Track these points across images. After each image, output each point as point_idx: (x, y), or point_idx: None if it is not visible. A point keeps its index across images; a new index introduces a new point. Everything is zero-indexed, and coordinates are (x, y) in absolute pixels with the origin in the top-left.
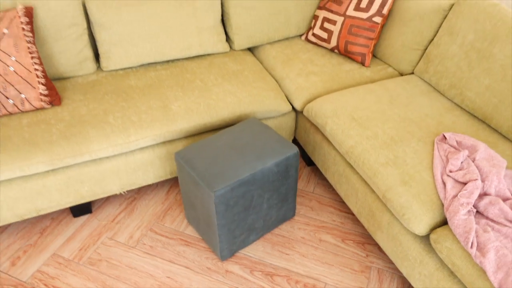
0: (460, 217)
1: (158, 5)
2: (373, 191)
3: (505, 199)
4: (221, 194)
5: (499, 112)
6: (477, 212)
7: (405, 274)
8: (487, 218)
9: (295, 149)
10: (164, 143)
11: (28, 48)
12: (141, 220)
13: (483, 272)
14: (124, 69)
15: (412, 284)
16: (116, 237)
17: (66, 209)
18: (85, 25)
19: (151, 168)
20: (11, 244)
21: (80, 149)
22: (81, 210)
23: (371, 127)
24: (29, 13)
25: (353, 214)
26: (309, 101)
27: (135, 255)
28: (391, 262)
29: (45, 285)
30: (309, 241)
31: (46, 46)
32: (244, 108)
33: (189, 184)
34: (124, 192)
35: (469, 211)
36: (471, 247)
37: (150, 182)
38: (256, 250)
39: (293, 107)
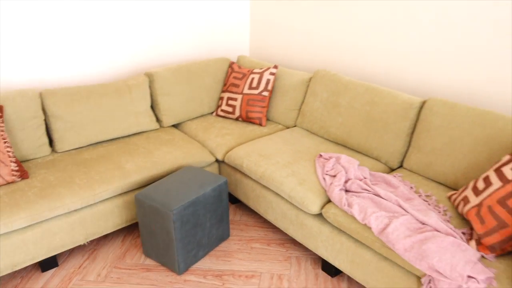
0: (336, 193)
1: (103, 97)
2: (282, 198)
3: (360, 179)
4: (177, 212)
5: (351, 137)
6: (346, 190)
7: (312, 249)
8: (351, 191)
9: (224, 179)
10: (121, 194)
11: (2, 135)
12: (104, 262)
13: (354, 219)
14: (76, 148)
15: (318, 253)
16: (85, 278)
17: (34, 266)
18: (43, 117)
19: (110, 217)
20: None
21: (55, 204)
22: (49, 264)
23: (273, 157)
24: (1, 108)
25: (272, 228)
26: (227, 152)
27: (106, 286)
28: (304, 250)
29: None
30: (243, 250)
31: (13, 134)
32: (180, 162)
33: (148, 215)
34: (86, 243)
35: (340, 189)
36: (344, 205)
37: (110, 231)
38: (204, 263)
39: (216, 160)
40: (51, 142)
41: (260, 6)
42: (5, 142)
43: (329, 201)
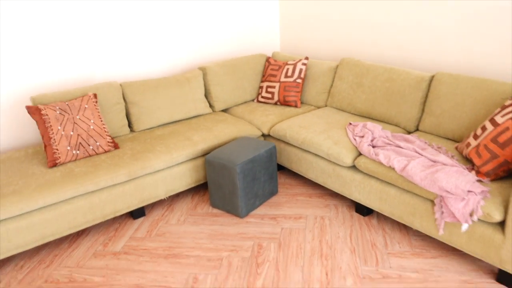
0: (365, 147)
1: (167, 87)
2: (320, 157)
3: (384, 137)
4: (240, 166)
5: (374, 109)
6: (373, 146)
7: (347, 195)
8: (377, 147)
9: (273, 144)
10: (191, 159)
11: (99, 115)
12: (181, 212)
13: (380, 164)
14: (149, 128)
15: (353, 197)
16: (169, 221)
17: (127, 215)
18: (123, 103)
19: (184, 177)
20: (98, 237)
21: (144, 164)
22: (139, 213)
23: (311, 127)
24: (95, 96)
25: (312, 185)
26: (271, 127)
27: (186, 226)
28: (340, 199)
29: (134, 249)
30: (290, 201)
31: (103, 116)
32: (235, 134)
33: (217, 171)
34: (166, 198)
35: (368, 145)
36: (372, 155)
37: (183, 189)
38: (260, 210)
39: (262, 134)
40: (129, 124)
41: (288, 7)
42: (101, 121)
43: (359, 154)
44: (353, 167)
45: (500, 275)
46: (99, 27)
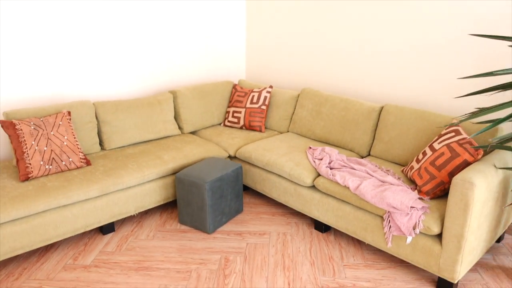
0: (323, 169)
1: (139, 108)
2: (283, 177)
3: (340, 160)
4: (209, 184)
5: (331, 135)
6: (330, 168)
7: (307, 212)
8: (334, 168)
9: (239, 165)
10: (161, 177)
11: (72, 132)
12: (150, 228)
13: (337, 184)
14: (120, 147)
15: (312, 215)
16: (138, 237)
17: (96, 230)
18: (95, 122)
19: (153, 194)
20: (67, 252)
21: (117, 180)
22: (108, 229)
23: (274, 150)
24: (69, 113)
25: (275, 204)
26: (237, 149)
27: (155, 241)
28: (300, 217)
29: (104, 263)
30: (255, 219)
31: (76, 133)
32: (203, 155)
33: (187, 189)
34: (136, 214)
35: (326, 166)
36: (329, 175)
37: (152, 206)
38: (227, 227)
39: (229, 156)
40: (100, 142)
41: (253, 38)
42: (74, 137)
43: (318, 175)
44: (313, 187)
45: (439, 283)
46: (72, 46)
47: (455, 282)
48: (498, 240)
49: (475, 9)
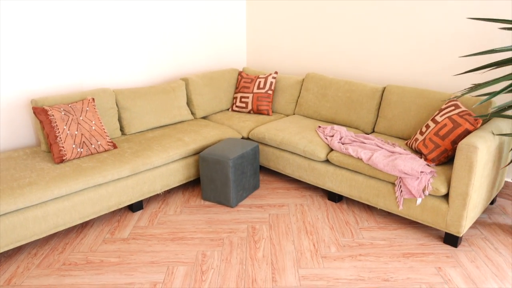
0: (336, 144)
1: (155, 95)
2: (297, 154)
3: (350, 136)
4: (232, 161)
5: (337, 115)
6: (342, 143)
7: (321, 185)
8: (345, 143)
9: (256, 144)
10: (183, 158)
11: (98, 117)
12: (175, 205)
13: (350, 156)
14: (139, 132)
15: (326, 187)
16: (167, 212)
17: (126, 208)
18: (116, 108)
19: (177, 174)
20: (103, 227)
21: (145, 160)
22: (137, 207)
23: (286, 130)
24: (93, 100)
25: (288, 180)
26: (250, 131)
27: (184, 216)
28: (313, 191)
29: (140, 235)
30: (271, 193)
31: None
32: (220, 136)
33: (211, 166)
34: (161, 192)
35: (338, 142)
36: (342, 149)
37: (176, 184)
38: (247, 201)
39: (242, 137)
40: (120, 127)
41: (254, 30)
42: (100, 122)
43: (330, 150)
44: (326, 161)
45: (446, 238)
46: (89, 39)
47: (460, 235)
48: (492, 202)
49: None
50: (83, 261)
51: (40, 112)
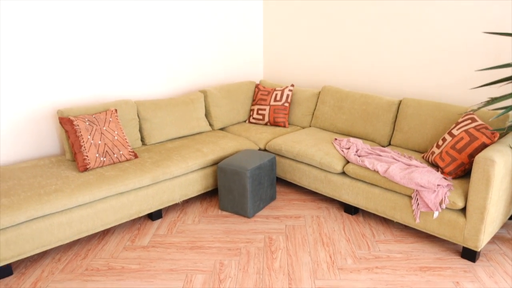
0: (352, 156)
1: (175, 106)
2: (313, 166)
3: (366, 149)
4: (250, 171)
5: (353, 128)
6: (359, 156)
7: (337, 197)
8: (361, 156)
9: (273, 155)
10: (202, 168)
11: (120, 128)
12: (194, 215)
13: (366, 169)
14: (159, 142)
15: (342, 199)
16: (185, 222)
17: (145, 217)
18: (137, 119)
19: (195, 184)
20: (123, 235)
21: (165, 170)
22: (157, 215)
23: (302, 142)
24: (116, 111)
25: (304, 192)
26: (267, 143)
27: (201, 225)
28: (330, 203)
29: (160, 244)
30: (288, 205)
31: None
32: (238, 148)
33: (229, 177)
34: (180, 202)
35: (354, 154)
36: (359, 162)
37: (194, 194)
38: (264, 212)
39: (259, 148)
40: (141, 138)
41: (271, 40)
42: (123, 133)
43: (347, 163)
44: (342, 173)
45: (464, 252)
46: (114, 51)
47: (478, 250)
48: (511, 217)
49: (483, 7)
50: (105, 267)
51: (66, 122)
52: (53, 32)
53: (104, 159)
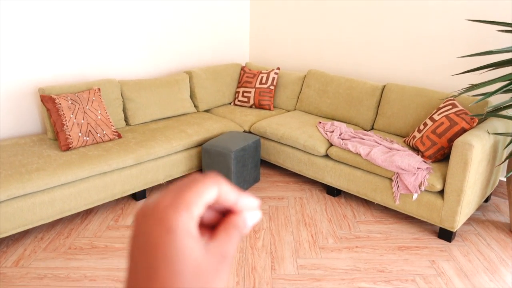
0: (335, 139)
1: (159, 87)
2: (297, 149)
3: (349, 132)
4: (234, 153)
5: (337, 112)
6: (342, 139)
7: (320, 179)
8: (345, 139)
9: (258, 137)
10: (186, 149)
11: (104, 107)
12: None
13: (349, 152)
14: (143, 123)
15: (325, 181)
16: None
17: (129, 197)
18: (121, 99)
19: (180, 165)
20: (107, 215)
21: (149, 151)
22: (141, 196)
23: (287, 125)
24: (99, 90)
25: (288, 174)
26: (251, 125)
27: None
28: (312, 185)
29: None
30: (271, 187)
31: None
32: (222, 129)
33: (212, 158)
34: (164, 182)
35: (338, 137)
36: (342, 145)
37: (178, 175)
38: (248, 193)
39: (243, 131)
40: (125, 118)
41: (256, 26)
42: (106, 112)
43: (330, 145)
44: (326, 156)
45: (440, 233)
46: (97, 29)
47: (454, 231)
48: (486, 200)
49: None
50: (88, 246)
51: (48, 101)
52: (35, 8)
53: (87, 138)
